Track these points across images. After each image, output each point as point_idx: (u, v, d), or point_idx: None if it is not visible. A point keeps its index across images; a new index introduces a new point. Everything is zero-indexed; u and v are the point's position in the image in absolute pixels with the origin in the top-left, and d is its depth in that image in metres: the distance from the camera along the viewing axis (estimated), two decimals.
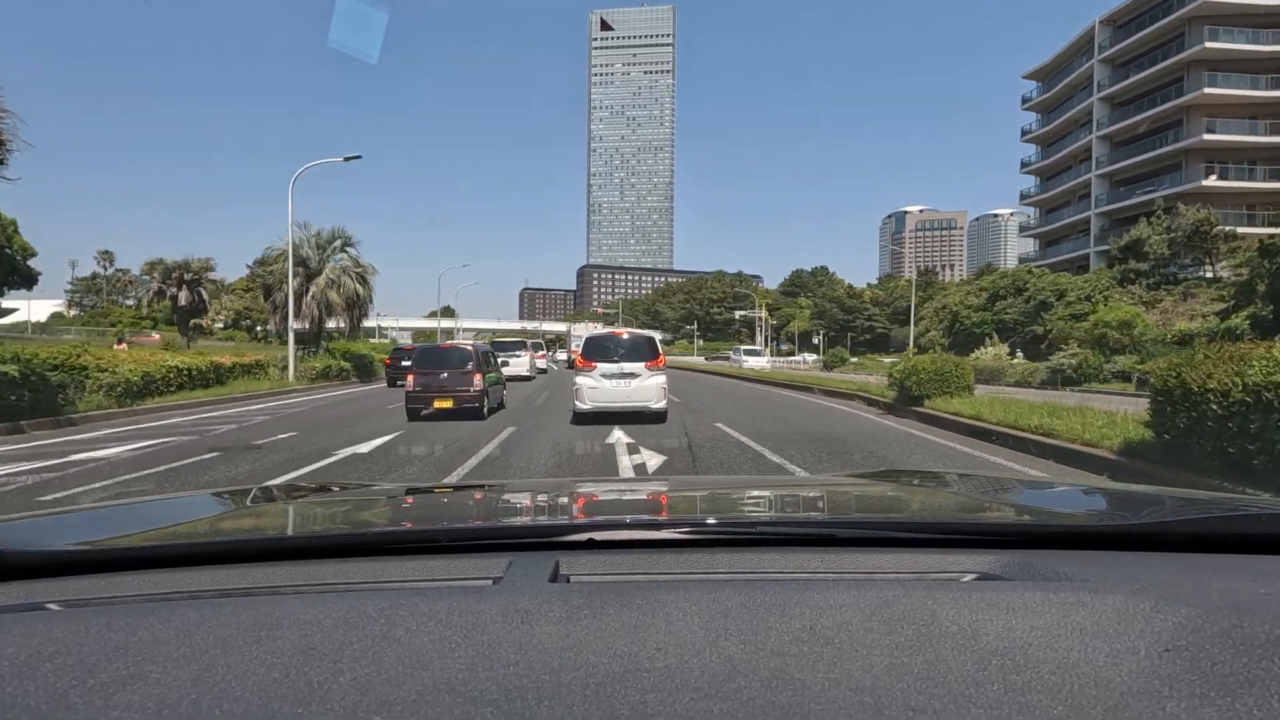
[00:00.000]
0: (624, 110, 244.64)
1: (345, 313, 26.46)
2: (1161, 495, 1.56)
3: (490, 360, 14.06)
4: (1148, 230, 38.88)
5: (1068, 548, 1.03)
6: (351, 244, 27.79)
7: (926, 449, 8.79)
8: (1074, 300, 39.56)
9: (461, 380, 12.29)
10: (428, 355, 13.37)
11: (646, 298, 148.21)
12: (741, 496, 1.75)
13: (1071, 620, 0.69)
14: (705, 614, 0.71)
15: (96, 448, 9.22)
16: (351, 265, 27.46)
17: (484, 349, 13.89)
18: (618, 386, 11.35)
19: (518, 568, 0.90)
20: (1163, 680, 0.58)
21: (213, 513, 1.58)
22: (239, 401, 17.24)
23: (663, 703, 0.55)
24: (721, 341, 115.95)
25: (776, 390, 21.54)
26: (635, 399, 11.36)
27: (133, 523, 1.42)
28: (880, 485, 1.88)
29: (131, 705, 0.56)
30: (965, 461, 7.97)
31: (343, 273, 26.70)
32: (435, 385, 12.23)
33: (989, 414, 9.72)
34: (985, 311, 45.95)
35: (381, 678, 0.59)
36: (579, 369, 11.96)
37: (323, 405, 16.67)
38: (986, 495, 1.75)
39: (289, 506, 1.65)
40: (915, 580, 0.87)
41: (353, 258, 27.77)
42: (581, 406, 11.39)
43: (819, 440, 9.42)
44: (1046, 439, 8.01)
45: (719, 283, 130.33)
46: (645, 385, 11.41)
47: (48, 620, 0.75)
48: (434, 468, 7.68)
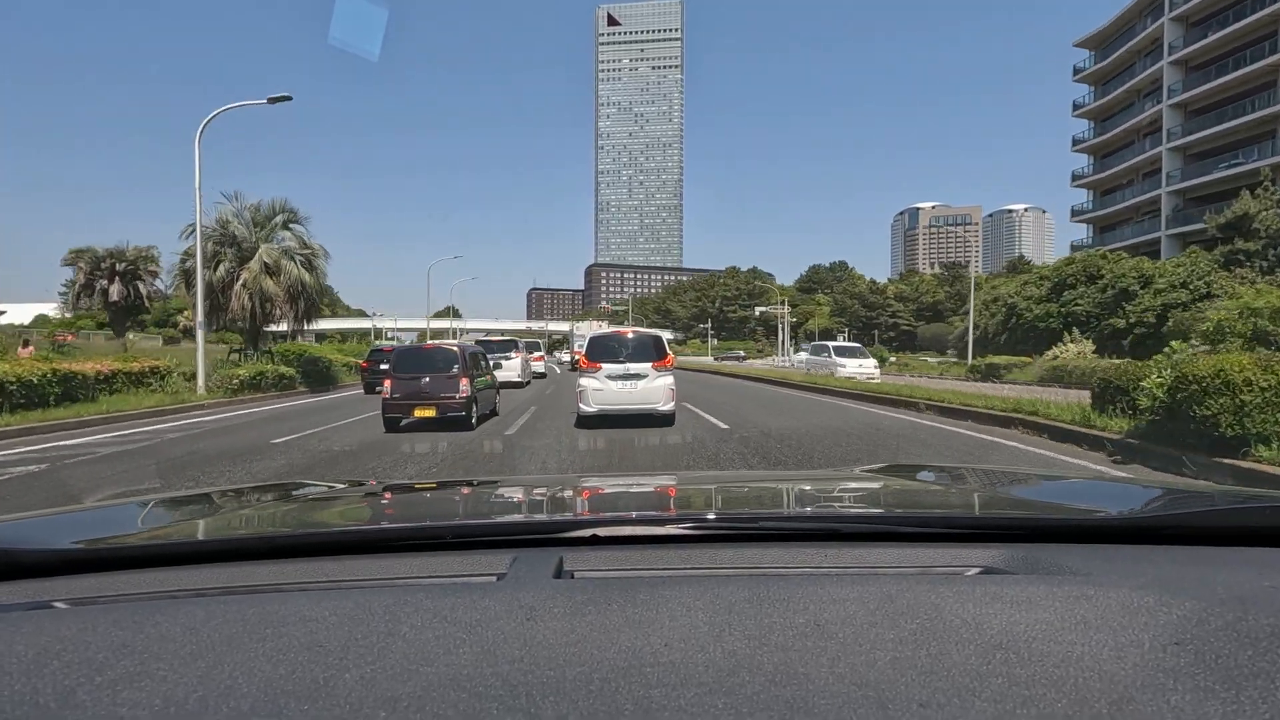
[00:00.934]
0: (631, 107, 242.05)
1: (287, 304, 21.00)
2: (1165, 488, 1.55)
3: (481, 362, 12.62)
4: (1254, 204, 33.02)
5: (1071, 541, 1.03)
6: (298, 220, 22.27)
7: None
8: (1164, 288, 33.72)
9: (446, 385, 11.03)
10: (408, 358, 11.90)
11: (656, 296, 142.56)
12: (745, 491, 1.77)
13: (1076, 614, 0.69)
14: (709, 609, 0.71)
15: None
16: (296, 246, 21.99)
17: (473, 350, 12.49)
18: (623, 388, 10.97)
19: (522, 563, 0.90)
20: (1167, 673, 0.58)
21: (217, 511, 1.59)
22: (86, 428, 11.85)
23: (667, 697, 0.55)
24: (736, 341, 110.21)
25: (860, 408, 15.69)
26: (642, 401, 10.98)
27: (138, 521, 1.42)
28: (883, 480, 1.88)
29: (139, 702, 0.56)
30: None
31: (284, 255, 21.25)
32: (416, 391, 11.02)
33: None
34: (1049, 303, 40.06)
35: (387, 674, 0.59)
36: (583, 370, 11.47)
37: (221, 429, 11.83)
38: (990, 489, 1.74)
39: (293, 504, 1.65)
40: (919, 574, 0.87)
41: (298, 237, 22.27)
42: (586, 409, 11.03)
43: None
44: None
45: (732, 279, 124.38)
46: (652, 386, 11.00)
47: (55, 618, 0.75)
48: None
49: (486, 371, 12.99)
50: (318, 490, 1.89)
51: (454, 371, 11.15)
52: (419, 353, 12.36)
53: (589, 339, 12.26)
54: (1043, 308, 40.25)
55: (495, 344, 23.25)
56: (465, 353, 11.60)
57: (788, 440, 9.41)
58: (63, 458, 8.68)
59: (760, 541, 1.03)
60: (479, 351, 13.04)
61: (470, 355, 11.81)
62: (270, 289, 20.50)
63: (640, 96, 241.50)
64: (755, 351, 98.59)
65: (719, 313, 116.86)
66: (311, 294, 21.89)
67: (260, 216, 21.65)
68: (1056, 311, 39.08)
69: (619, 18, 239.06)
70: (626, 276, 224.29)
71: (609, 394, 10.91)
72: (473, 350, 12.39)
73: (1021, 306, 41.82)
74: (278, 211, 21.91)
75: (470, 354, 11.85)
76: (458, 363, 11.26)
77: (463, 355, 11.45)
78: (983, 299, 49.72)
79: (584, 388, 11.08)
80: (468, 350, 11.94)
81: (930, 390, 16.13)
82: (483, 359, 13.06)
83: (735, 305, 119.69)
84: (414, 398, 10.94)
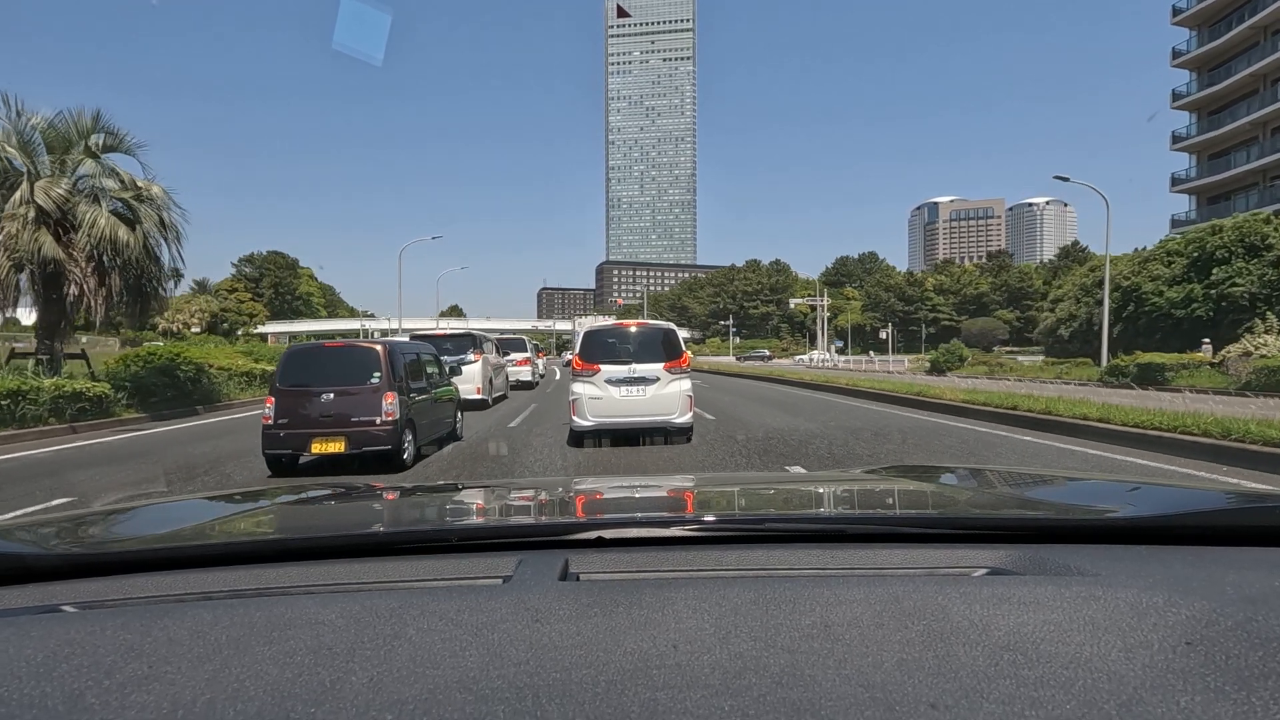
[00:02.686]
0: (643, 100, 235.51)
1: (93, 278, 12.68)
2: (1173, 489, 1.53)
3: (427, 370, 9.22)
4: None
5: (1079, 542, 1.02)
6: (123, 145, 13.77)
7: None
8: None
9: (360, 405, 7.61)
10: (303, 362, 8.12)
11: (672, 292, 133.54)
12: (750, 493, 1.75)
13: (1084, 615, 0.68)
14: (715, 611, 0.71)
15: None
16: (121, 189, 13.67)
17: (409, 350, 8.87)
18: (628, 396, 8.95)
19: (527, 566, 0.90)
20: (1177, 674, 0.57)
21: (224, 514, 1.56)
22: None
23: (674, 700, 0.55)
24: (759, 339, 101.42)
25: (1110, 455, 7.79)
26: (651, 412, 8.94)
27: (146, 525, 1.41)
28: (890, 481, 1.85)
29: (147, 705, 0.56)
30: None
31: (93, 200, 12.97)
32: (315, 414, 7.58)
33: None
34: (1189, 284, 31.20)
35: (393, 676, 0.60)
36: (577, 373, 9.22)
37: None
38: (996, 489, 1.73)
39: (299, 507, 1.64)
40: (926, 575, 0.87)
41: (126, 179, 13.90)
42: (581, 423, 8.96)
43: None
44: None
45: (753, 273, 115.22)
46: (665, 393, 8.98)
47: (64, 622, 0.75)
48: None
49: (439, 381, 9.81)
50: (324, 493, 1.87)
51: (373, 382, 7.76)
52: (320, 355, 8.45)
53: (582, 333, 9.65)
54: (1179, 290, 31.36)
55: (447, 341, 14.97)
56: (393, 355, 8.14)
57: None
58: None
59: (766, 543, 1.02)
60: (423, 353, 9.50)
61: (405, 359, 8.48)
62: (51, 252, 12.18)
63: (651, 89, 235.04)
64: (780, 350, 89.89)
65: (740, 309, 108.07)
66: (143, 268, 13.52)
67: (55, 136, 13.31)
68: (1201, 294, 30.23)
69: (628, 9, 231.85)
70: (639, 274, 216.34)
71: (609, 403, 8.94)
72: (407, 351, 8.83)
73: (1147, 290, 32.86)
74: (89, 130, 13.47)
75: (404, 357, 8.48)
76: (379, 369, 7.83)
77: (387, 359, 7.95)
78: (1074, 285, 40.90)
79: (578, 396, 9.02)
80: (400, 351, 8.45)
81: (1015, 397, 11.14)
82: (431, 365, 9.61)
83: (756, 301, 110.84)
84: (311, 424, 7.55)
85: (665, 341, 9.38)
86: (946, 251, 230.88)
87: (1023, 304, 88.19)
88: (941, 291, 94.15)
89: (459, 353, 14.54)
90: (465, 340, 15.68)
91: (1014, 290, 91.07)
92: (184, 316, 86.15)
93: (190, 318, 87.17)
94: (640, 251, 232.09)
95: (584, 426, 8.95)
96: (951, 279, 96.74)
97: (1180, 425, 8.20)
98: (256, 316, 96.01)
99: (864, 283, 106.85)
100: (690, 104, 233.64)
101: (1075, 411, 9.93)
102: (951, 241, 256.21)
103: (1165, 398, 13.32)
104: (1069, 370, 28.12)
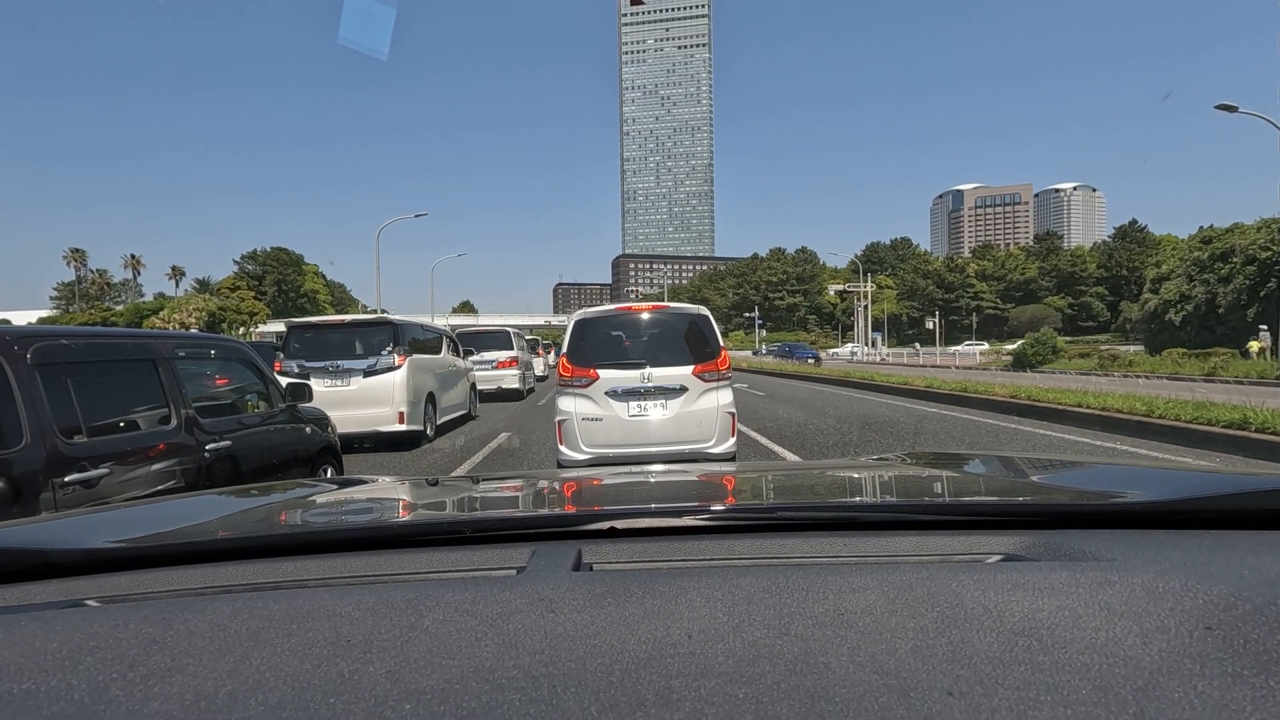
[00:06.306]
0: (657, 89, 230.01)
1: None
2: (1188, 472, 1.55)
3: (175, 387, 3.76)
4: None
5: (1094, 527, 1.02)
6: None
7: None
8: None
9: None
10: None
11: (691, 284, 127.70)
12: (762, 482, 1.75)
13: (1099, 600, 0.68)
14: (728, 600, 0.71)
15: None
16: None
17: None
18: (641, 415, 6.00)
19: (541, 557, 0.91)
20: (1194, 659, 0.57)
21: (241, 508, 1.60)
22: None
23: (688, 688, 0.56)
24: (785, 332, 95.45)
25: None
26: (676, 438, 5.97)
27: (166, 520, 1.45)
28: (902, 467, 1.85)
29: (170, 697, 0.57)
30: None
31: None
32: None
33: None
34: None
35: (410, 667, 0.60)
36: (563, 381, 6.26)
37: None
38: (1010, 476, 1.72)
39: (315, 501, 1.66)
40: (939, 562, 0.87)
41: None
42: (571, 455, 6.08)
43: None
44: None
45: (778, 262, 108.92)
46: (695, 410, 6.02)
47: (88, 616, 0.77)
48: None
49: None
50: (338, 487, 1.88)
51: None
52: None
53: (571, 323, 6.45)
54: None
55: (320, 336, 9.18)
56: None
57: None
58: None
59: (778, 532, 1.02)
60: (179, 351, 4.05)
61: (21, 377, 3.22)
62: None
63: (666, 79, 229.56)
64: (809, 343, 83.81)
65: (764, 301, 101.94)
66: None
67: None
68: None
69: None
70: (656, 267, 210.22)
71: (613, 426, 6.00)
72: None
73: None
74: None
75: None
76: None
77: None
78: (1184, 259, 34.47)
79: (566, 416, 6.11)
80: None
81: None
82: (254, 372, 4.90)
83: (782, 291, 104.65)
84: None
85: (694, 333, 6.37)
86: (973, 240, 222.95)
87: (1074, 289, 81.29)
88: (984, 278, 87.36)
89: (366, 353, 8.78)
90: (376, 333, 9.18)
91: (1064, 275, 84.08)
92: (180, 316, 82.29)
93: (188, 318, 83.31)
94: (657, 244, 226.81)
95: (575, 460, 6.19)
96: (995, 264, 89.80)
97: None
98: (257, 315, 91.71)
99: (897, 270, 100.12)
100: (706, 92, 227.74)
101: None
102: (977, 229, 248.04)
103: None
104: (1223, 365, 21.93)
